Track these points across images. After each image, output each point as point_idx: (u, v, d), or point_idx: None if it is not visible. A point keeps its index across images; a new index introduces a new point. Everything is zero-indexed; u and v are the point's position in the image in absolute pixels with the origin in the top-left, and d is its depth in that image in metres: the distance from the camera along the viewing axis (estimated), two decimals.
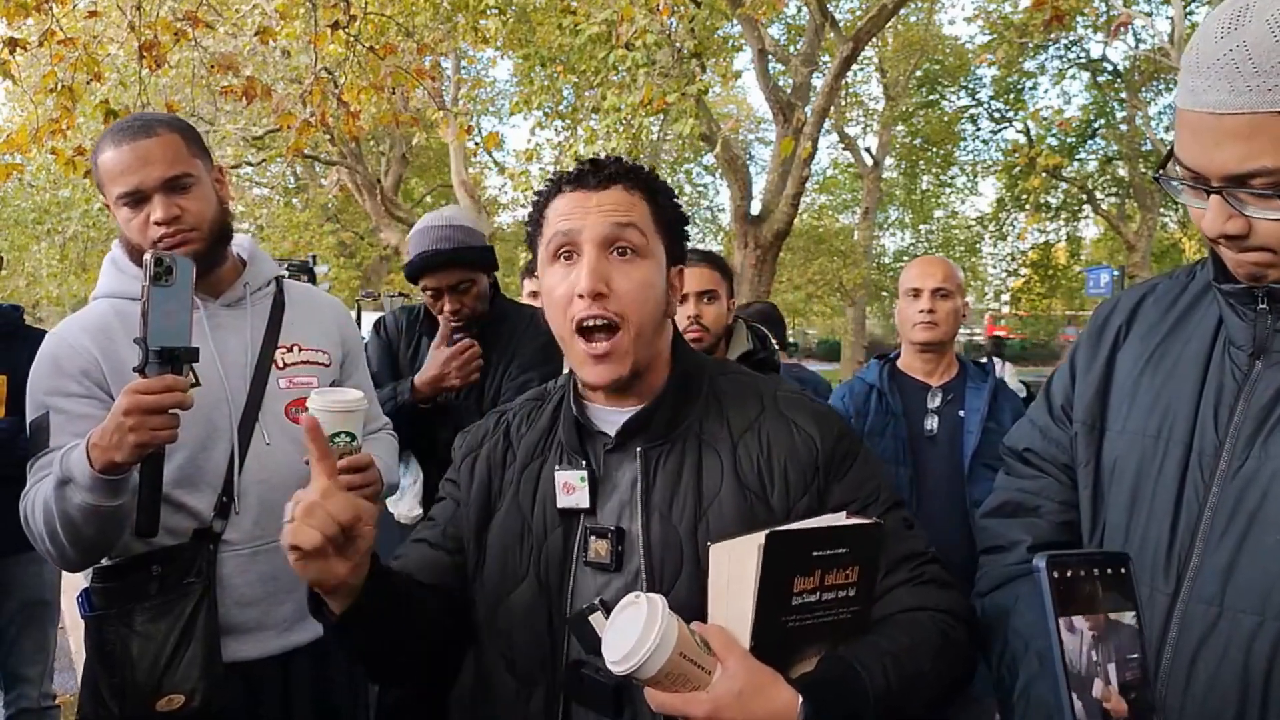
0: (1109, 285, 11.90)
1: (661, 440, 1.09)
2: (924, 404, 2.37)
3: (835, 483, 1.07)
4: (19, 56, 5.17)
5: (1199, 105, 0.87)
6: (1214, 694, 0.91)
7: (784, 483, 1.05)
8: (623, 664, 0.87)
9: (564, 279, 1.06)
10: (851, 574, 0.93)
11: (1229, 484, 0.93)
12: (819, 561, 0.91)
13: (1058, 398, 1.16)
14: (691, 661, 0.88)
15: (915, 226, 24.73)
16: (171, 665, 1.41)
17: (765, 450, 1.07)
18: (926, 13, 17.85)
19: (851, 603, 0.95)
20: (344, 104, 6.35)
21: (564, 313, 1.06)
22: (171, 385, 1.28)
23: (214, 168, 1.57)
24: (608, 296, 1.04)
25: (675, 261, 1.14)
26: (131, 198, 1.45)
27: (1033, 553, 1.10)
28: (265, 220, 15.77)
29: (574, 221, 1.06)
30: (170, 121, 1.51)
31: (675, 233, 1.14)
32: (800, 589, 0.91)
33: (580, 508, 1.09)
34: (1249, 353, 0.97)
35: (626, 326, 1.04)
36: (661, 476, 1.07)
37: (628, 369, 1.05)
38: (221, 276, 1.59)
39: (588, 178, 1.09)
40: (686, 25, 6.89)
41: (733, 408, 1.11)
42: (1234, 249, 0.91)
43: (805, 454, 1.06)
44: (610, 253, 1.05)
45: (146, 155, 1.44)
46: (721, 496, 1.05)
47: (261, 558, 1.52)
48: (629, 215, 1.07)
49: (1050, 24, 7.45)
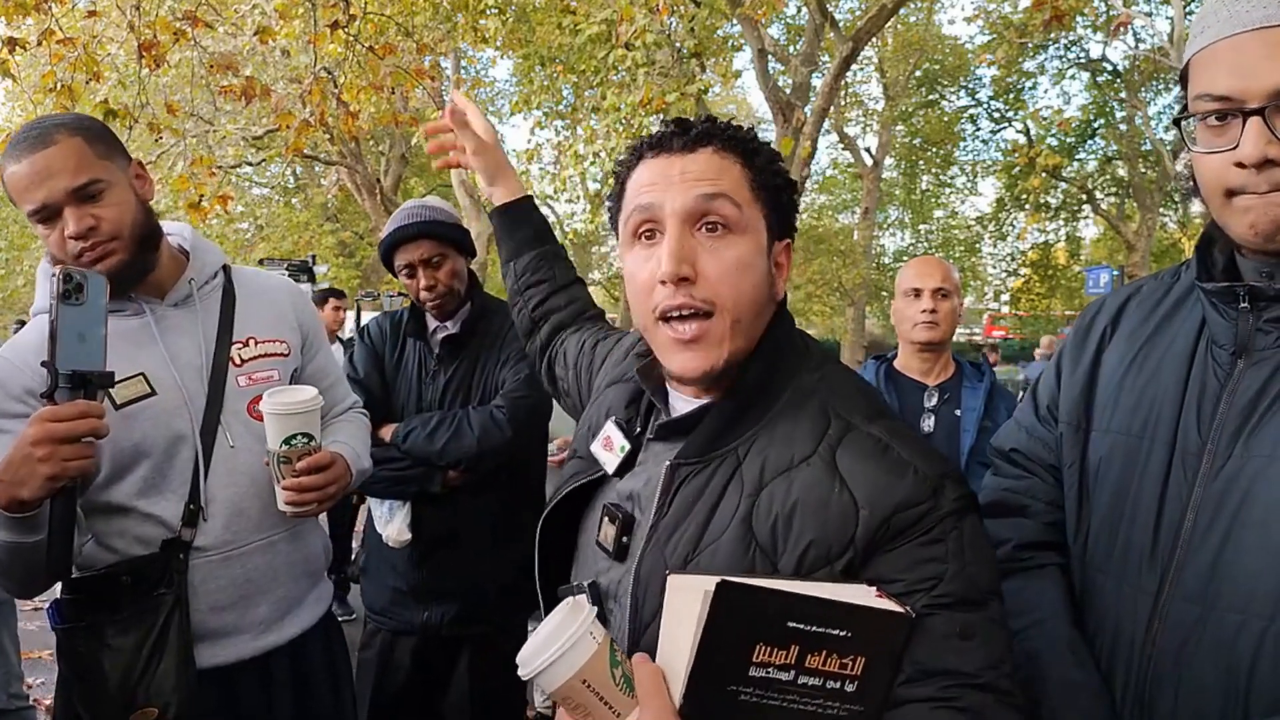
0: (1109, 285, 11.91)
1: (696, 459, 0.92)
2: (920, 404, 2.37)
3: (880, 554, 0.83)
4: (18, 56, 5.18)
5: (1244, 26, 0.88)
6: (1198, 693, 0.91)
7: (800, 551, 0.84)
8: (524, 666, 0.78)
9: (645, 262, 0.92)
10: (853, 665, 0.75)
11: (1212, 483, 0.94)
12: (798, 636, 0.73)
13: (1044, 398, 1.17)
14: (596, 695, 0.77)
15: (915, 226, 24.73)
16: (144, 678, 1.37)
17: (789, 505, 0.85)
18: (926, 13, 17.85)
19: (848, 700, 0.76)
20: (343, 104, 6.36)
21: (646, 302, 0.92)
22: (85, 411, 1.19)
23: (131, 164, 1.46)
24: (694, 282, 0.89)
25: (782, 235, 0.97)
26: (41, 214, 1.35)
27: (1019, 552, 1.12)
28: (265, 220, 15.78)
29: (655, 194, 0.91)
30: (71, 124, 1.38)
31: (780, 201, 0.96)
32: (764, 659, 0.73)
33: (603, 471, 1.02)
34: (1231, 351, 0.97)
35: (721, 314, 0.89)
36: (680, 499, 0.92)
37: (722, 360, 0.90)
38: (163, 276, 1.50)
39: (672, 140, 0.93)
40: (686, 25, 6.90)
41: (783, 439, 0.90)
42: (1264, 186, 0.87)
43: (837, 525, 0.83)
44: (698, 229, 0.90)
45: (47, 168, 1.32)
46: (722, 542, 0.87)
47: (234, 562, 1.48)
48: (718, 184, 0.90)
49: (1050, 24, 7.45)
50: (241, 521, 1.49)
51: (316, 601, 1.65)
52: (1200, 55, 0.93)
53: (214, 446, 1.47)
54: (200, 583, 1.45)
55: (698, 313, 0.89)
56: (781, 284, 0.98)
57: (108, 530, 1.44)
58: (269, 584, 1.52)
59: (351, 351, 2.42)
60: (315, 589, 1.65)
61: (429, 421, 2.13)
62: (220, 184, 9.57)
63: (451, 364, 2.23)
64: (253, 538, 1.51)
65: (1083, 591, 1.05)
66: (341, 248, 19.71)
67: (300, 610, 1.59)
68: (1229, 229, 0.95)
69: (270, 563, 1.53)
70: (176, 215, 7.88)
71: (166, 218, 1.67)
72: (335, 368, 1.81)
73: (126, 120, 5.39)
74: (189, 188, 6.19)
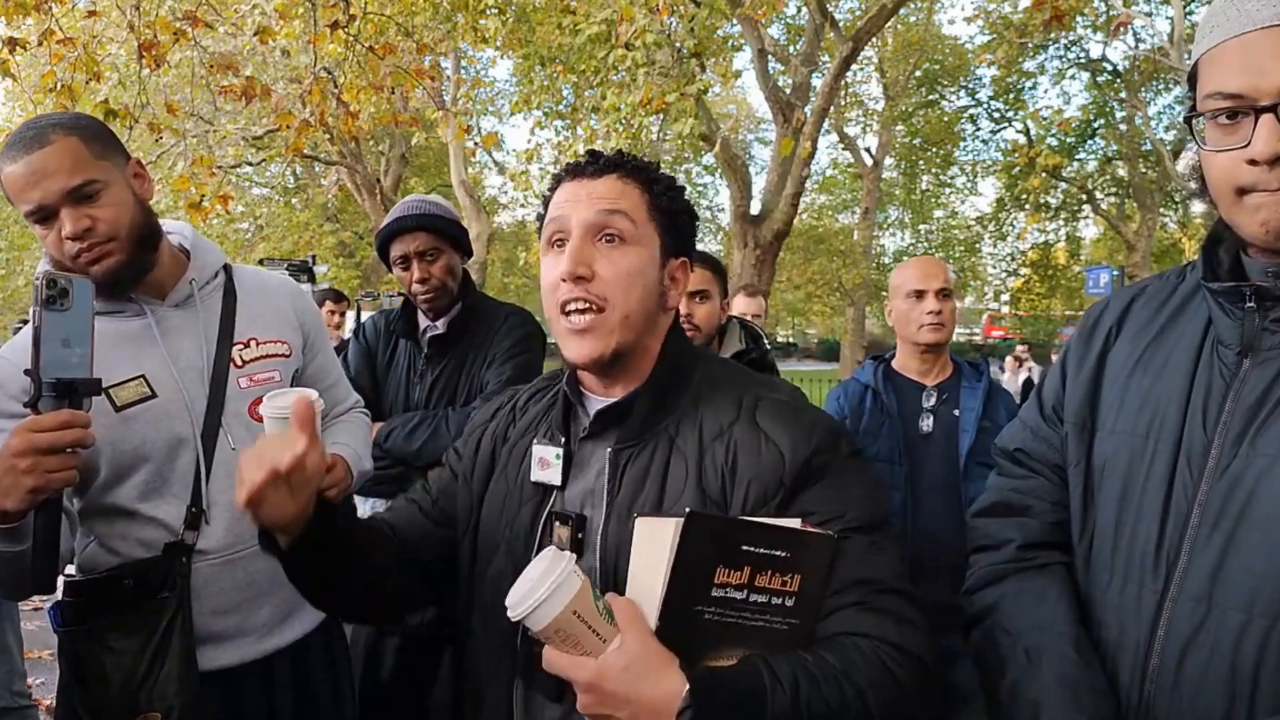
0: (1109, 285, 11.89)
1: (634, 441, 1.07)
2: (919, 404, 2.36)
3: (800, 494, 1.01)
4: (19, 56, 5.18)
5: (1253, 24, 0.89)
6: (1202, 692, 0.91)
7: (744, 494, 1.01)
8: (515, 608, 0.86)
9: (554, 266, 1.07)
10: (790, 582, 0.89)
11: (1217, 482, 0.94)
12: (750, 558, 0.87)
13: (1049, 398, 1.17)
14: (586, 624, 0.86)
15: (915, 226, 24.76)
16: (146, 682, 1.36)
17: (731, 459, 1.03)
18: (926, 13, 17.86)
19: (788, 614, 0.91)
20: (343, 104, 6.36)
21: (552, 297, 1.07)
22: (69, 421, 1.16)
23: (130, 163, 1.45)
24: (590, 280, 1.03)
25: (676, 254, 1.12)
26: (37, 215, 1.34)
27: (1023, 551, 1.11)
28: (265, 220, 15.77)
29: (565, 209, 1.07)
30: (67, 124, 1.37)
31: (674, 224, 1.12)
32: (723, 580, 0.86)
33: (552, 484, 1.11)
34: (1237, 351, 0.97)
35: (611, 309, 1.04)
36: (628, 478, 1.06)
37: (610, 348, 1.04)
38: (163, 276, 1.49)
39: (584, 168, 1.10)
40: (686, 25, 6.90)
41: (709, 412, 1.08)
42: (1275, 183, 0.89)
43: (770, 467, 1.01)
44: (598, 239, 1.05)
45: (43, 168, 1.31)
46: (682, 503, 1.02)
47: (237, 564, 1.48)
48: (617, 203, 1.06)
49: (1050, 24, 7.45)
50: (243, 524, 1.46)
51: None
52: (1209, 54, 0.93)
53: (215, 449, 1.47)
54: (203, 586, 1.44)
55: (591, 306, 1.04)
56: (675, 297, 1.13)
57: (110, 533, 1.43)
58: (271, 587, 1.51)
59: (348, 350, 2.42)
60: None
61: (409, 421, 2.14)
62: (220, 184, 9.56)
63: (439, 364, 2.23)
64: (254, 541, 1.48)
65: (1087, 591, 1.05)
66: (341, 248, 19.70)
67: (302, 613, 1.58)
68: (1240, 228, 0.95)
69: (272, 566, 1.50)
70: (177, 215, 7.88)
71: (167, 217, 1.66)
72: (337, 368, 1.81)
73: (127, 120, 5.39)
74: (189, 187, 6.19)
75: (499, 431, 1.22)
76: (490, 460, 1.20)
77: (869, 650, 0.92)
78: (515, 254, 22.72)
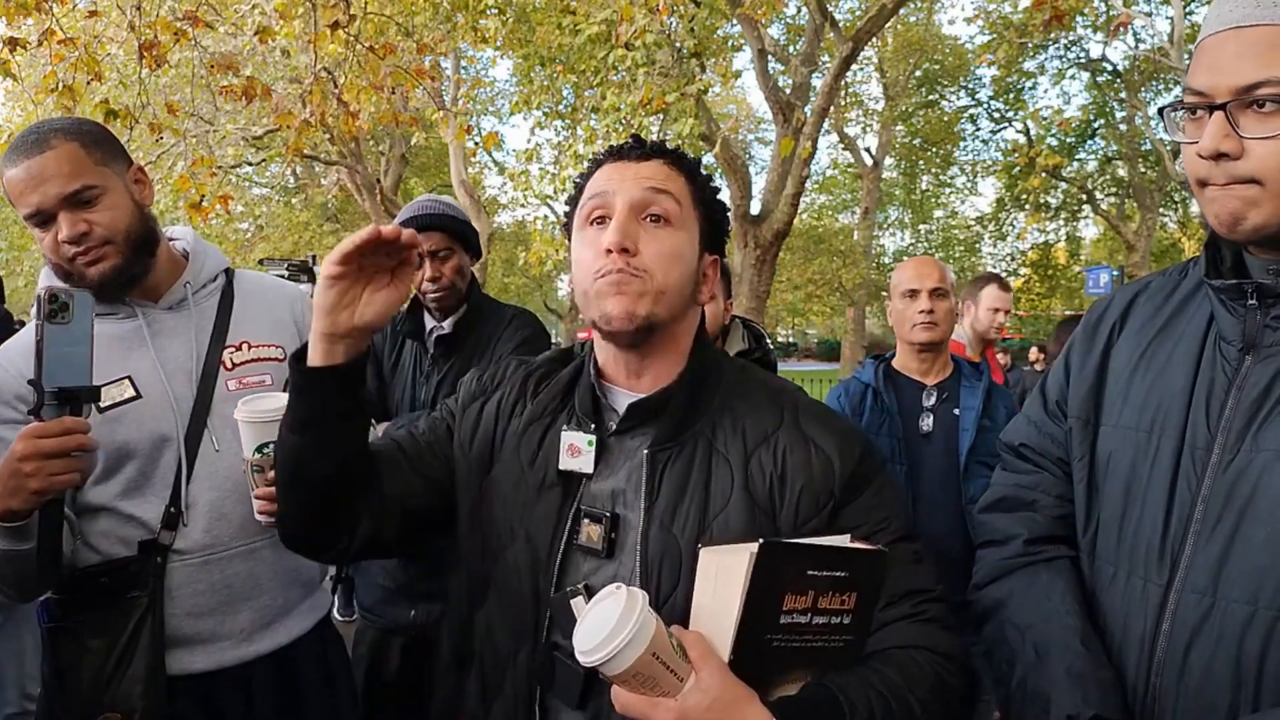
0: (1109, 285, 11.92)
1: (670, 442, 1.04)
2: (919, 403, 2.37)
3: (847, 506, 1.02)
4: (19, 56, 5.18)
5: (1224, 24, 0.92)
6: (1208, 684, 0.92)
7: (795, 503, 1.00)
8: (591, 655, 0.83)
9: (593, 242, 1.03)
10: (848, 600, 0.88)
11: (1220, 476, 0.95)
12: (814, 581, 0.86)
13: (1053, 394, 1.18)
14: (664, 665, 0.84)
15: (915, 226, 24.77)
16: (112, 682, 1.34)
17: (780, 467, 1.02)
18: (926, 13, 17.86)
19: (845, 631, 0.90)
20: (344, 104, 6.36)
21: (590, 268, 1.02)
22: (71, 428, 1.21)
23: (131, 168, 1.47)
24: (634, 255, 1.00)
25: (711, 249, 1.11)
26: (36, 219, 1.37)
27: (1029, 546, 1.12)
28: (265, 220, 15.78)
29: (610, 186, 1.04)
30: (69, 129, 1.39)
31: (714, 218, 1.11)
32: (790, 606, 0.85)
33: (583, 472, 1.06)
34: (1239, 348, 0.98)
35: (651, 279, 1.01)
36: (668, 482, 1.02)
37: (646, 310, 1.00)
38: (159, 279, 1.50)
39: (629, 151, 1.08)
40: (686, 25, 6.90)
41: (750, 416, 1.06)
42: (1222, 179, 0.93)
43: (821, 476, 1.01)
44: (643, 218, 1.03)
45: (42, 172, 1.34)
46: (729, 510, 1.00)
47: (214, 566, 1.46)
48: (665, 184, 1.04)
49: (1050, 24, 7.44)
50: (223, 526, 1.46)
51: (309, 611, 1.60)
52: (1195, 51, 0.97)
53: (198, 450, 1.46)
54: (178, 587, 1.43)
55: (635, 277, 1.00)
56: (706, 293, 1.11)
57: (92, 530, 1.43)
58: (250, 591, 1.49)
59: None
60: (308, 598, 1.61)
61: (413, 421, 2.14)
62: (220, 184, 9.57)
63: (445, 364, 2.23)
64: (234, 543, 1.48)
65: (1092, 584, 1.06)
66: None
67: (288, 619, 1.55)
68: (1206, 218, 0.99)
69: (252, 569, 1.50)
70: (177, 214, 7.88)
71: (166, 217, 1.67)
72: None
73: (127, 120, 5.39)
74: (189, 188, 6.19)
75: (504, 407, 1.15)
76: (491, 436, 1.14)
77: (926, 664, 0.95)
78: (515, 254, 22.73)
